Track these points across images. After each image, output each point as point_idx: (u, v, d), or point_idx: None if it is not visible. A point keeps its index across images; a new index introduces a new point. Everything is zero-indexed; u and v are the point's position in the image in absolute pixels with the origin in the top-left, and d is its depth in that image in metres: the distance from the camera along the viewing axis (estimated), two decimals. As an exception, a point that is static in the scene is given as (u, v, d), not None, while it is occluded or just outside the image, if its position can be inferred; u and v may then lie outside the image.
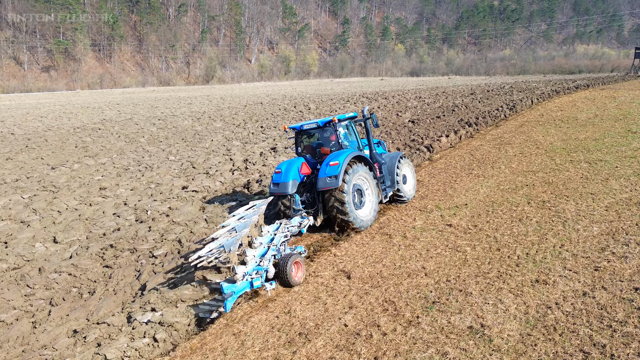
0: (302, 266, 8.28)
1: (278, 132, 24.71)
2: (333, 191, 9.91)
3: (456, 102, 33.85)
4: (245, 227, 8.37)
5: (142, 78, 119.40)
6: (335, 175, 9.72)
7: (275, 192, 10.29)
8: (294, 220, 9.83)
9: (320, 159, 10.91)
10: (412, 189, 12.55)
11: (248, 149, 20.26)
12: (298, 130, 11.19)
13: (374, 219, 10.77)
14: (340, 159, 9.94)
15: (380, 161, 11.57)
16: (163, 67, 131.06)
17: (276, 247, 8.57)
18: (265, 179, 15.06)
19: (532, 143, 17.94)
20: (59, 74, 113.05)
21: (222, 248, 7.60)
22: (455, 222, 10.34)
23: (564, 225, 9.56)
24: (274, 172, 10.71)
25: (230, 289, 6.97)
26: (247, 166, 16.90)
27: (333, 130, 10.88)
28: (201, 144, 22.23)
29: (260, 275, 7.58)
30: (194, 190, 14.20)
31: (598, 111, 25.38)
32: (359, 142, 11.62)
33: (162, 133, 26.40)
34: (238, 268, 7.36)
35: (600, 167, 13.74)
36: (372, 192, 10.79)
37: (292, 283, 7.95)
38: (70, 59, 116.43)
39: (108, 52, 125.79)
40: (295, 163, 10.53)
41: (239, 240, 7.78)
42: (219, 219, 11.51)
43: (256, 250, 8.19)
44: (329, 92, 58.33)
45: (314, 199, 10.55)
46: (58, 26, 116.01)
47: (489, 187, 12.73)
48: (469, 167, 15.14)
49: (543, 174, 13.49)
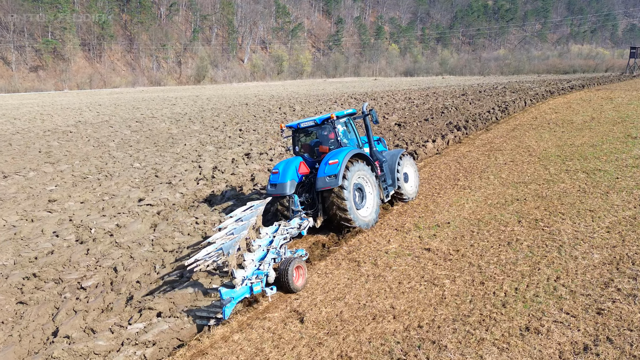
0: (304, 271, 7.89)
1: (256, 135, 23.30)
2: (333, 191, 9.54)
3: (446, 103, 32.49)
4: (243, 230, 8.03)
5: (133, 78, 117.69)
6: (335, 174, 9.38)
7: (272, 193, 9.89)
8: (293, 222, 9.44)
9: (318, 157, 10.58)
10: (414, 187, 12.10)
11: (220, 155, 18.84)
12: (295, 128, 10.76)
13: (375, 220, 10.37)
14: (339, 157, 9.59)
15: (381, 159, 11.20)
16: (154, 66, 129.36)
17: (276, 250, 8.20)
18: (229, 190, 13.65)
19: (524, 149, 16.61)
20: (48, 74, 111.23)
21: (220, 251, 7.27)
22: (435, 246, 8.98)
23: (560, 250, 8.21)
24: (271, 172, 10.29)
25: (229, 294, 6.59)
26: (215, 175, 15.48)
27: (331, 127, 10.49)
28: (172, 149, 20.78)
29: (261, 279, 7.19)
30: (149, 204, 12.77)
31: (594, 113, 24.11)
32: (358, 140, 11.21)
33: (135, 136, 24.91)
34: (237, 272, 6.94)
35: (599, 178, 12.41)
36: (373, 192, 10.41)
37: (293, 289, 7.58)
38: (59, 59, 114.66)
39: (98, 52, 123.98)
40: (293, 162, 10.15)
41: (238, 243, 7.47)
42: (167, 239, 10.09)
43: (255, 253, 7.87)
44: (320, 92, 56.93)
45: (313, 199, 10.21)
46: (47, 25, 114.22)
47: (476, 202, 11.37)
48: (454, 177, 13.77)
49: (536, 186, 12.14)
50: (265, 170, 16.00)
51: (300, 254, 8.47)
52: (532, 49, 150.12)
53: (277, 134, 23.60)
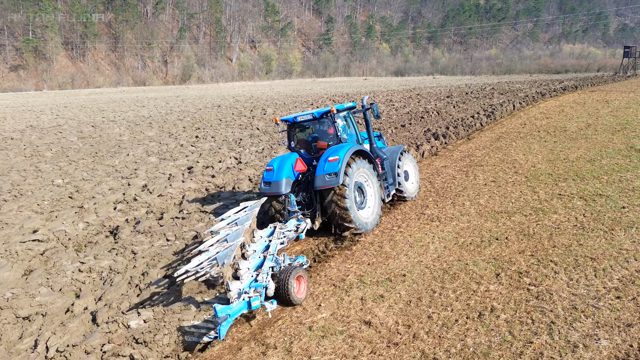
0: (305, 280, 7.17)
1: (211, 144, 20.66)
2: (333, 189, 8.90)
3: (428, 106, 29.87)
4: (238, 236, 7.28)
5: (117, 78, 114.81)
6: (336, 172, 8.76)
7: (266, 191, 9.23)
8: (290, 224, 8.72)
9: (316, 154, 9.92)
10: (415, 185, 11.57)
11: (160, 169, 16.21)
12: (291, 122, 10.04)
13: (376, 222, 9.73)
14: (340, 154, 8.95)
15: (381, 156, 10.57)
16: (139, 66, 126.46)
17: (273, 256, 7.44)
18: (146, 219, 11.06)
19: (510, 165, 14.10)
20: (28, 74, 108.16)
21: (214, 261, 6.55)
22: (380, 316, 6.46)
23: (551, 332, 5.72)
24: (264, 169, 9.67)
25: (224, 311, 5.89)
26: (139, 197, 12.85)
27: (331, 122, 9.84)
28: (110, 160, 18.10)
29: (260, 293, 6.42)
30: (38, 240, 10.11)
31: (590, 119, 21.66)
32: (358, 135, 10.58)
33: (78, 145, 22.18)
34: (232, 284, 6.33)
35: (600, 206, 9.91)
36: (374, 191, 9.80)
37: (294, 301, 6.87)
38: (40, 58, 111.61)
39: (82, 51, 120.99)
40: (288, 159, 9.50)
41: (233, 251, 6.74)
42: (25, 300, 7.45)
43: (250, 261, 7.09)
44: (307, 92, 54.29)
45: (310, 199, 9.52)
46: (27, 23, 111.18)
47: (444, 240, 8.84)
48: (423, 202, 11.23)
49: (521, 218, 9.63)
50: (202, 189, 13.43)
51: (300, 262, 7.67)
52: (524, 48, 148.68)
53: (235, 141, 21.01)
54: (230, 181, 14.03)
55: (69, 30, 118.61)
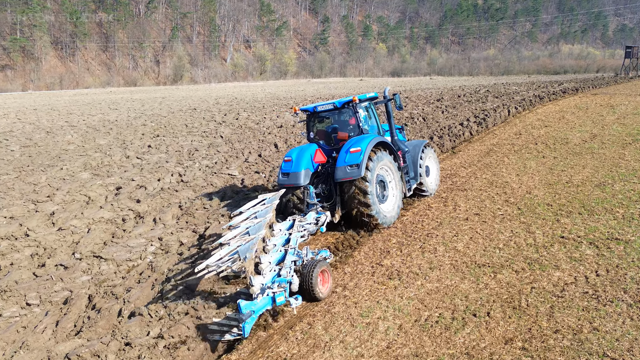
0: (330, 275, 6.83)
1: (161, 155, 18.01)
2: (354, 182, 8.62)
3: (415, 112, 27.11)
4: (260, 229, 7.01)
5: (107, 78, 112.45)
6: (357, 163, 8.46)
7: (284, 183, 9.00)
8: (309, 217, 8.44)
9: (336, 145, 9.66)
10: (436, 181, 11.38)
11: (85, 189, 13.56)
12: (311, 112, 9.87)
13: (397, 216, 9.53)
14: (362, 145, 8.67)
15: (404, 149, 10.31)
16: (130, 66, 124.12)
17: (294, 250, 7.11)
18: (38, 257, 8.45)
19: (500, 189, 11.46)
20: (16, 74, 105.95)
21: (236, 255, 6.23)
22: None
23: None
24: (283, 160, 9.36)
25: (249, 307, 5.53)
26: (32, 232, 10.20)
27: (353, 112, 9.61)
28: (35, 177, 15.44)
29: (284, 288, 6.07)
30: None
31: (595, 128, 19.02)
32: (379, 127, 10.32)
33: (14, 156, 19.52)
34: (255, 279, 6.02)
35: (618, 258, 7.28)
36: (395, 185, 9.62)
37: (318, 296, 6.52)
38: (29, 58, 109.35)
39: (71, 51, 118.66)
40: (307, 150, 9.27)
41: (255, 244, 6.43)
42: None
43: (271, 255, 6.84)
44: (300, 93, 51.68)
45: (330, 191, 9.28)
46: (15, 22, 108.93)
47: (400, 315, 6.20)
48: (383, 247, 8.56)
49: (510, 276, 7.00)
50: (116, 219, 10.81)
51: (324, 255, 7.36)
52: (522, 49, 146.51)
53: (189, 153, 18.39)
54: (156, 209, 11.43)
55: (59, 29, 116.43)
